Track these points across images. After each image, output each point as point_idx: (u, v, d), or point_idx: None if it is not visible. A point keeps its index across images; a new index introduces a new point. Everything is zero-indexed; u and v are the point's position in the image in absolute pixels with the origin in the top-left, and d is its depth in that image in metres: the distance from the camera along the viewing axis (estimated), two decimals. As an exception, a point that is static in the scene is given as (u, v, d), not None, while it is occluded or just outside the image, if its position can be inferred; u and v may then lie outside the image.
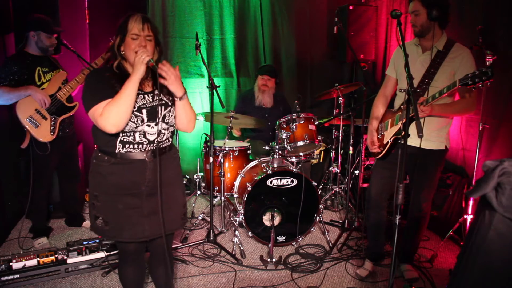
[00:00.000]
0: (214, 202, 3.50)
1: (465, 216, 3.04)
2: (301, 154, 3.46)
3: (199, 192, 3.91)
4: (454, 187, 3.41)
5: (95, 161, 1.92)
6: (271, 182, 3.20)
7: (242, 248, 3.17)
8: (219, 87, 3.16)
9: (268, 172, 3.18)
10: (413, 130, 1.84)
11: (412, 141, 2.42)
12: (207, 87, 4.46)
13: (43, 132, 3.02)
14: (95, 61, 3.10)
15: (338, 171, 4.13)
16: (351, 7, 4.38)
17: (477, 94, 2.54)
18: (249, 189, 3.15)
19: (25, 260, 2.65)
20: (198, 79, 4.67)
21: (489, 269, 1.43)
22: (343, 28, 3.91)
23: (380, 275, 2.85)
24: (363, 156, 3.69)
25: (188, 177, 4.54)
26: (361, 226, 3.34)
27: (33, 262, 2.66)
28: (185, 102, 1.92)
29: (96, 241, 2.92)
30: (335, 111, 4.13)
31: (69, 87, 3.14)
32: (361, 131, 3.60)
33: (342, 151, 4.25)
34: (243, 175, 3.44)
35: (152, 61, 1.77)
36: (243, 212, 3.17)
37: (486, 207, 1.42)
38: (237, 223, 3.28)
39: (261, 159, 3.49)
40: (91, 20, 4.23)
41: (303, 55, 4.95)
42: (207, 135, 3.51)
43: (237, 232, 3.23)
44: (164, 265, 2.18)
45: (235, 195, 3.48)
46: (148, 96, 1.90)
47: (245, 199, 3.16)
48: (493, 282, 1.44)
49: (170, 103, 1.95)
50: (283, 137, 3.37)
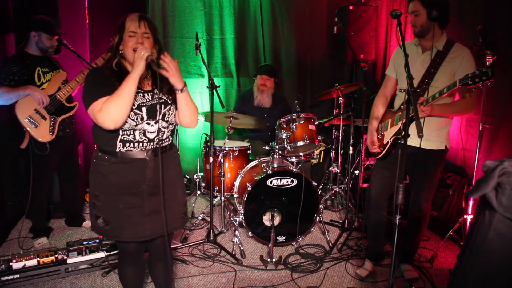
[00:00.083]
0: (214, 202, 3.50)
1: (465, 216, 3.04)
2: (301, 154, 3.46)
3: (199, 192, 3.91)
4: (454, 187, 3.41)
5: (95, 161, 1.92)
6: (271, 182, 3.20)
7: (242, 248, 3.17)
8: (219, 87, 3.16)
9: (268, 172, 3.18)
10: (413, 130, 1.84)
11: (412, 141, 2.42)
12: (207, 87, 4.46)
13: (42, 132, 3.02)
14: (95, 61, 3.09)
15: (338, 171, 4.13)
16: (351, 7, 4.38)
17: (477, 94, 2.54)
18: (249, 189, 3.15)
19: (25, 260, 2.65)
20: (198, 79, 4.67)
21: (489, 269, 1.43)
22: (343, 28, 3.91)
23: (380, 275, 2.85)
24: (363, 156, 3.69)
25: (188, 177, 4.54)
26: (361, 226, 3.34)
27: (33, 262, 2.66)
28: (186, 95, 1.93)
29: (96, 241, 2.92)
30: (335, 111, 4.13)
31: (69, 87, 3.14)
32: (361, 131, 3.60)
33: (342, 151, 4.25)
34: (243, 175, 3.44)
35: (152, 56, 1.77)
36: (243, 212, 3.17)
37: (486, 207, 1.42)
38: (237, 223, 3.28)
39: (261, 159, 3.48)
40: (91, 20, 4.23)
41: (303, 55, 4.94)
42: (207, 135, 3.51)
43: (237, 232, 3.23)
44: (164, 265, 2.18)
45: (235, 195, 3.48)
46: (148, 94, 1.90)
47: (245, 199, 3.16)
48: (493, 282, 1.44)
49: (170, 102, 1.95)
50: (283, 137, 3.37)
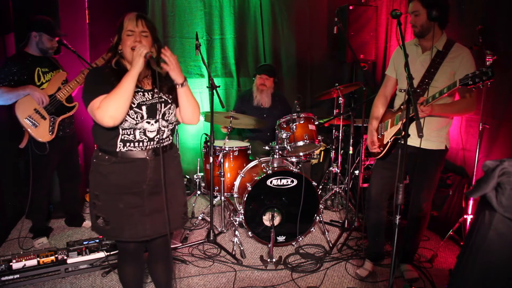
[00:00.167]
0: (214, 202, 3.50)
1: (465, 216, 3.04)
2: (301, 154, 3.46)
3: (199, 192, 3.91)
4: (454, 187, 3.41)
5: (95, 161, 1.92)
6: (271, 182, 3.20)
7: (242, 248, 3.17)
8: (219, 87, 3.16)
9: (268, 172, 3.18)
10: (413, 130, 1.84)
11: (412, 141, 2.42)
12: (207, 87, 4.46)
13: (42, 132, 3.02)
14: (96, 61, 3.09)
15: (338, 171, 4.13)
16: (351, 7, 4.38)
17: (477, 94, 2.54)
18: (249, 189, 3.15)
19: (25, 260, 2.65)
20: (198, 79, 4.67)
21: (489, 269, 1.43)
22: (343, 28, 3.91)
23: (380, 275, 2.85)
24: (363, 156, 3.69)
25: (188, 177, 4.54)
26: (361, 226, 3.34)
27: (33, 262, 2.66)
28: (186, 90, 1.94)
29: (96, 241, 2.92)
30: (335, 111, 4.13)
31: (69, 87, 3.14)
32: (361, 131, 3.60)
33: (342, 151, 4.25)
34: (243, 175, 3.44)
35: (150, 53, 1.78)
36: (243, 212, 3.17)
37: (486, 207, 1.42)
38: (237, 223, 3.28)
39: (261, 159, 3.48)
40: (91, 20, 4.23)
41: (303, 55, 4.94)
42: (207, 135, 3.51)
43: (237, 232, 3.23)
44: (164, 265, 2.18)
45: (235, 195, 3.48)
46: (148, 93, 1.91)
47: (245, 199, 3.16)
48: (493, 282, 1.44)
49: (170, 101, 1.96)
50: (283, 137, 3.37)
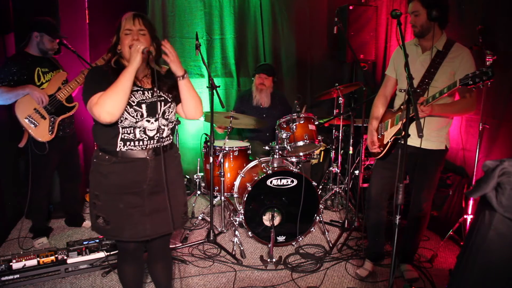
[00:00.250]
0: (214, 202, 3.50)
1: (465, 216, 3.04)
2: (301, 154, 3.46)
3: (199, 192, 3.91)
4: (454, 187, 3.41)
5: (95, 161, 1.93)
6: (271, 182, 3.20)
7: (242, 248, 3.17)
8: (219, 87, 3.16)
9: (268, 172, 3.18)
10: (413, 130, 1.84)
11: (412, 141, 2.42)
12: (207, 87, 4.45)
13: (41, 131, 3.02)
14: (96, 62, 3.10)
15: (338, 171, 4.13)
16: (351, 7, 4.38)
17: (477, 94, 2.54)
18: (249, 189, 3.15)
19: (25, 260, 2.65)
20: (198, 79, 4.67)
21: (489, 269, 1.43)
22: (343, 28, 3.91)
23: (380, 275, 2.85)
24: (363, 156, 3.69)
25: (188, 177, 4.54)
26: (361, 226, 3.34)
27: (33, 262, 2.66)
28: (187, 82, 1.95)
29: (96, 241, 2.92)
30: (335, 111, 4.13)
31: (69, 87, 3.14)
32: (361, 131, 3.60)
33: (342, 151, 4.25)
34: (243, 175, 3.44)
35: (148, 49, 1.80)
36: (243, 212, 3.17)
37: (486, 207, 1.42)
38: (237, 223, 3.28)
39: (261, 159, 3.48)
40: (91, 20, 4.23)
41: (303, 55, 4.94)
42: (207, 135, 3.51)
43: (237, 232, 3.23)
44: (164, 264, 2.18)
45: (235, 195, 3.48)
46: (147, 92, 1.92)
47: (245, 199, 3.16)
48: (493, 282, 1.44)
49: (170, 100, 1.96)
50: (283, 137, 3.37)
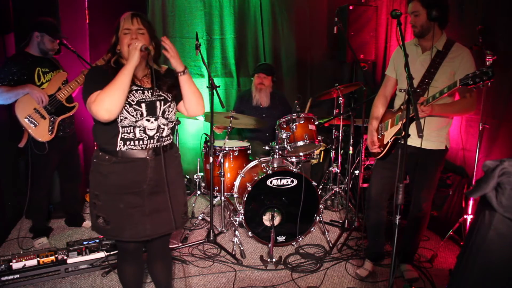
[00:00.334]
0: (214, 202, 3.50)
1: (465, 216, 3.04)
2: (301, 154, 3.46)
3: (199, 192, 3.91)
4: (454, 187, 3.41)
5: (95, 161, 1.93)
6: (271, 182, 3.20)
7: (242, 248, 3.17)
8: (219, 87, 3.16)
9: (268, 172, 3.18)
10: (413, 130, 1.84)
11: (412, 141, 2.42)
12: (207, 87, 4.42)
13: (41, 131, 3.02)
14: (96, 62, 3.10)
15: (338, 171, 4.13)
16: (351, 7, 4.38)
17: (477, 94, 2.54)
18: (249, 189, 3.15)
19: (25, 260, 2.65)
20: (198, 79, 4.66)
21: (489, 269, 1.43)
22: (343, 28, 3.91)
23: (380, 275, 2.85)
24: (363, 156, 3.69)
25: (188, 177, 4.54)
26: (361, 226, 3.34)
27: (33, 262, 2.66)
28: (188, 78, 1.97)
29: (96, 241, 2.92)
30: (335, 111, 4.13)
31: (69, 87, 3.14)
32: (361, 131, 3.60)
33: (342, 151, 4.25)
34: (243, 175, 3.44)
35: (146, 45, 1.81)
36: (243, 212, 3.17)
37: (486, 207, 1.42)
38: (237, 223, 3.28)
39: (261, 159, 3.48)
40: (91, 20, 4.23)
41: (303, 55, 4.94)
42: (207, 135, 3.51)
43: (237, 232, 3.23)
44: (163, 264, 2.18)
45: (235, 195, 3.48)
46: (147, 91, 1.92)
47: (245, 199, 3.16)
48: (493, 282, 1.44)
49: (170, 99, 1.97)
50: (283, 137, 3.37)
